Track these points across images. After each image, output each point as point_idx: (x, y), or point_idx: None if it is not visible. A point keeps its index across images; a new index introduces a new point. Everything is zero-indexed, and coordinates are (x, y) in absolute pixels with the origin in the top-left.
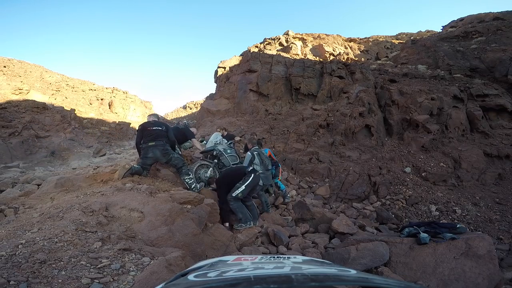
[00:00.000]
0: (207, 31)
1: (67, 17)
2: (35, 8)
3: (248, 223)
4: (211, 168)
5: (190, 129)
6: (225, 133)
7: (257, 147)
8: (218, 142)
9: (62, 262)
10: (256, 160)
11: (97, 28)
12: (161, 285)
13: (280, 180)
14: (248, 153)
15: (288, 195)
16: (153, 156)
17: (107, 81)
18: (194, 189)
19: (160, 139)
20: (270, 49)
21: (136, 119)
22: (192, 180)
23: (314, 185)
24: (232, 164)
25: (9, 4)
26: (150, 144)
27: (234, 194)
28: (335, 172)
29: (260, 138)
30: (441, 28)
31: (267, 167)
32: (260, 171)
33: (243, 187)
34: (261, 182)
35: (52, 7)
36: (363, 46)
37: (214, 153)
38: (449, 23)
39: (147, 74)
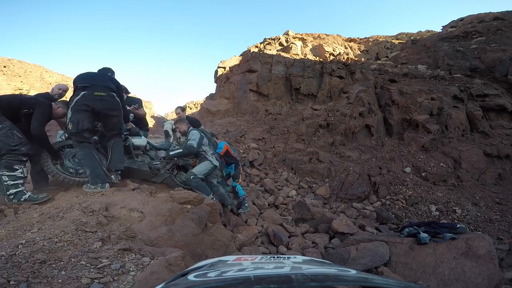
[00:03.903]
0: (207, 31)
1: (67, 17)
2: (35, 8)
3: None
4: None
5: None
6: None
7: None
8: None
9: (62, 262)
10: (205, 140)
11: (97, 28)
12: (161, 285)
13: (240, 184)
14: (194, 131)
15: (246, 204)
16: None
17: None
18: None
19: None
20: (270, 49)
21: None
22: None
23: (314, 185)
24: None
25: (9, 4)
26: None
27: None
28: (335, 172)
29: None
30: (441, 28)
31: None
32: (211, 152)
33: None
34: (216, 162)
35: (52, 7)
36: (363, 46)
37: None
38: (449, 23)
39: (147, 74)
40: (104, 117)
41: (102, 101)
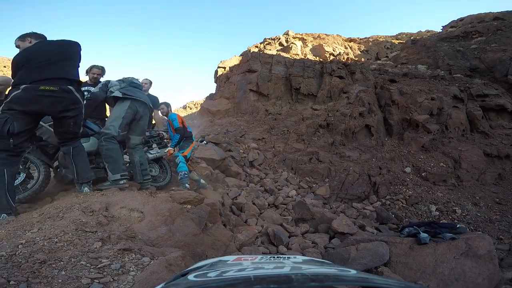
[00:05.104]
0: (207, 30)
1: (66, 16)
2: (34, 6)
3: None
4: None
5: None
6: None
7: None
8: None
9: (62, 262)
10: (113, 82)
11: (96, 27)
12: (161, 285)
13: (184, 156)
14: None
15: (187, 184)
16: None
17: None
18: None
19: None
20: (270, 49)
21: None
22: None
23: (314, 185)
24: None
25: (9, 4)
26: None
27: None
28: (335, 172)
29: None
30: (441, 28)
31: (137, 84)
32: (118, 87)
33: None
34: (118, 90)
35: (50, 6)
36: (363, 46)
37: None
38: (449, 23)
39: (147, 74)
40: (56, 119)
41: (51, 98)
